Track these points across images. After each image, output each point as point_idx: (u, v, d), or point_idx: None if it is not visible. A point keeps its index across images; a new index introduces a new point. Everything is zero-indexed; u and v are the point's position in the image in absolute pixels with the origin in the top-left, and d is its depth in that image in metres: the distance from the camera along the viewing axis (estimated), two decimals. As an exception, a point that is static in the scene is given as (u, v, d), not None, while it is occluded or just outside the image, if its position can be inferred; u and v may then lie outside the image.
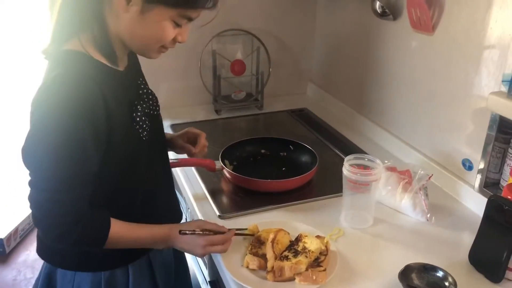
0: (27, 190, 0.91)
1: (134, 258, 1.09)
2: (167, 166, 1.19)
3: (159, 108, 1.13)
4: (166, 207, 1.18)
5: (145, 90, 1.09)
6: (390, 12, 1.48)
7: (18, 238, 2.52)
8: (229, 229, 1.09)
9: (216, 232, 1.06)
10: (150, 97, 1.10)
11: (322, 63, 2.06)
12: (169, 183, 1.21)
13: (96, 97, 0.88)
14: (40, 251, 1.08)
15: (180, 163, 1.38)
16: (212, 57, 1.88)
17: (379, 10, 1.52)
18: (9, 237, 2.44)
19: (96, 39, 0.94)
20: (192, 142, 1.26)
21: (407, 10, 1.37)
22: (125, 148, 0.98)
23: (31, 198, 0.90)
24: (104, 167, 0.94)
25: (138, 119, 1.00)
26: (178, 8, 0.91)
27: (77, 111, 0.86)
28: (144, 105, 1.05)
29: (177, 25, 0.94)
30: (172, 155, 1.30)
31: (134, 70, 1.11)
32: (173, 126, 1.77)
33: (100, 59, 0.95)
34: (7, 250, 2.44)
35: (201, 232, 1.03)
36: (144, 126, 1.02)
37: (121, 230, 0.98)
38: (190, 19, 0.94)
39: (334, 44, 1.95)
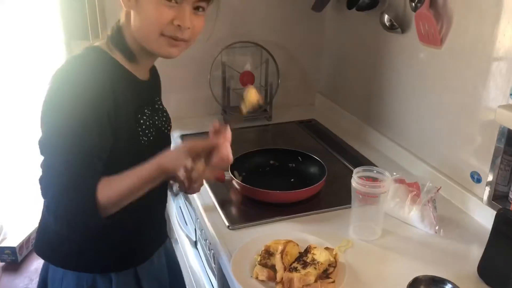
0: (39, 199, 0.93)
1: (119, 267, 1.09)
2: (164, 186, 1.17)
3: (170, 128, 1.15)
4: (153, 225, 1.18)
5: (160, 107, 1.12)
6: (398, 26, 1.50)
7: (30, 246, 2.55)
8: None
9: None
10: (165, 114, 1.12)
11: (330, 74, 2.07)
12: (162, 202, 1.21)
13: (104, 86, 0.93)
14: (36, 245, 1.12)
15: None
16: (221, 68, 1.90)
17: (387, 23, 1.53)
18: (21, 245, 2.47)
19: (112, 36, 1.01)
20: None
21: (415, 24, 1.39)
22: (124, 147, 0.99)
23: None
24: None
25: (142, 121, 1.02)
26: None
27: (87, 93, 0.91)
28: (156, 117, 1.07)
29: (169, 2, 0.94)
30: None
31: (153, 86, 1.14)
32: (182, 137, 1.79)
33: (121, 61, 1.01)
34: (19, 259, 2.47)
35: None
36: (147, 132, 1.03)
37: (112, 185, 0.93)
38: None
39: (342, 55, 1.96)
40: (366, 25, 1.73)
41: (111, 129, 0.95)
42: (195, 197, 1.42)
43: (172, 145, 1.20)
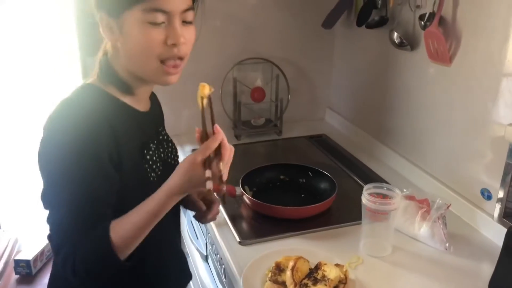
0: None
1: None
2: (177, 220, 1.16)
3: (177, 158, 1.10)
4: (173, 263, 1.14)
5: (165, 137, 1.08)
6: (407, 43, 1.51)
7: (44, 259, 2.58)
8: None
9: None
10: (170, 144, 1.08)
11: (340, 90, 2.09)
12: (176, 238, 1.18)
13: (102, 126, 0.88)
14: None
15: (201, 189, 1.41)
16: (233, 84, 1.93)
17: (396, 41, 1.55)
18: (35, 258, 2.50)
19: (102, 72, 0.96)
20: (205, 201, 1.18)
21: (425, 42, 1.40)
22: (132, 186, 0.94)
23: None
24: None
25: (148, 157, 0.97)
26: (135, 4, 0.86)
27: (83, 137, 0.86)
28: (161, 149, 1.04)
29: (155, 24, 0.87)
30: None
31: (156, 116, 1.10)
32: (194, 151, 1.81)
33: (117, 95, 0.96)
34: (34, 271, 2.50)
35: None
36: (154, 167, 0.98)
37: (123, 225, 0.88)
38: (162, 11, 0.87)
39: (352, 71, 1.98)
40: (375, 42, 1.75)
41: (115, 170, 0.90)
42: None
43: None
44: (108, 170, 0.89)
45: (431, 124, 1.51)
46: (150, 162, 0.98)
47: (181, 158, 1.77)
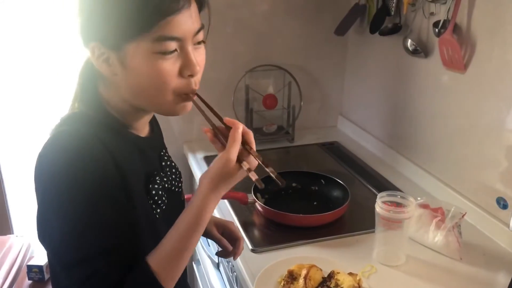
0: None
1: None
2: None
3: (181, 185, 1.01)
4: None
5: (168, 163, 0.97)
6: (421, 50, 1.50)
7: (55, 264, 2.59)
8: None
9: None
10: (174, 171, 0.98)
11: (353, 97, 2.08)
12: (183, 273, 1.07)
13: (104, 157, 0.76)
14: None
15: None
16: (245, 91, 1.93)
17: (410, 48, 1.54)
18: (48, 264, 2.51)
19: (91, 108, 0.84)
20: (227, 236, 1.12)
21: (439, 49, 1.39)
22: (139, 223, 0.83)
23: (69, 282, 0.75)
24: None
25: (154, 192, 0.87)
26: (141, 34, 0.74)
27: (87, 168, 0.74)
28: (165, 179, 0.93)
29: (165, 53, 0.76)
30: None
31: (157, 139, 1.00)
32: (206, 158, 1.82)
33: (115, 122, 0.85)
34: (46, 277, 2.50)
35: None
36: (159, 202, 0.88)
37: (162, 251, 0.79)
38: (173, 39, 0.76)
39: (365, 78, 1.97)
40: (389, 49, 1.74)
41: (126, 203, 0.79)
42: (218, 219, 1.43)
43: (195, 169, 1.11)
44: (126, 208, 0.78)
45: (445, 132, 1.50)
46: (156, 197, 0.88)
47: (192, 163, 1.81)
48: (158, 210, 0.88)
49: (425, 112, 1.59)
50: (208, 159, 1.80)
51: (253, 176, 0.81)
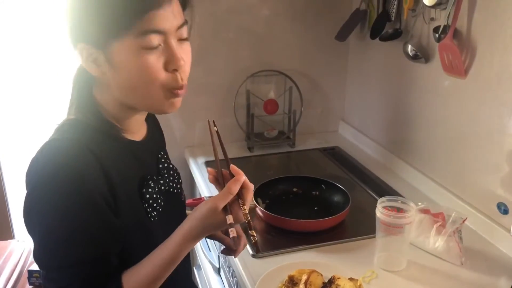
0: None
1: None
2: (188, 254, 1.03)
3: (180, 186, 1.02)
4: None
5: (165, 165, 0.98)
6: (421, 56, 1.51)
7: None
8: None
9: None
10: (171, 172, 0.99)
11: (354, 102, 2.09)
12: (187, 271, 1.08)
13: (90, 165, 0.78)
14: None
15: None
16: (246, 96, 1.93)
17: (410, 53, 1.55)
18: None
19: (87, 115, 0.85)
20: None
21: (439, 54, 1.40)
22: (132, 230, 0.85)
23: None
24: None
25: (147, 196, 0.88)
26: (126, 29, 0.76)
27: (70, 178, 0.76)
28: (162, 181, 0.95)
29: (151, 48, 0.78)
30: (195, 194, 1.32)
31: (154, 142, 1.00)
32: (207, 163, 1.82)
33: (108, 128, 0.87)
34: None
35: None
36: (155, 205, 0.90)
37: (137, 278, 0.82)
38: (156, 32, 0.78)
39: (365, 83, 1.98)
40: (389, 55, 1.75)
41: (114, 215, 0.81)
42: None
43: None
44: (109, 218, 0.80)
45: (446, 137, 1.50)
46: (151, 201, 0.89)
47: (193, 168, 1.82)
48: (154, 213, 0.90)
49: (426, 117, 1.59)
50: (209, 164, 1.80)
51: (232, 233, 0.82)
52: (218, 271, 1.60)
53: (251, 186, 0.88)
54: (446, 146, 1.50)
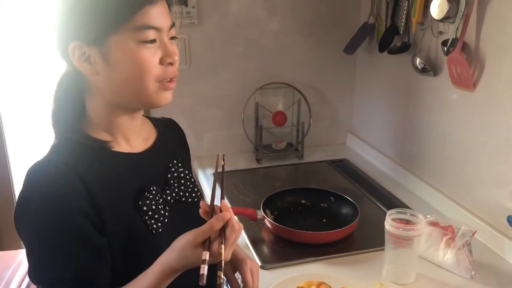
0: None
1: None
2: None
3: (196, 195, 0.98)
4: None
5: (175, 174, 0.96)
6: (430, 69, 1.51)
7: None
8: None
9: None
10: (183, 181, 0.97)
11: (362, 114, 2.09)
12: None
13: (70, 185, 0.78)
14: None
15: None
16: (254, 108, 1.95)
17: (419, 66, 1.55)
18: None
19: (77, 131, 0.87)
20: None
21: (448, 67, 1.40)
22: (132, 246, 0.84)
23: None
24: None
25: (145, 208, 0.87)
26: (122, 25, 0.78)
27: (47, 199, 0.77)
28: (169, 191, 0.93)
29: (147, 42, 0.81)
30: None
31: (165, 151, 0.99)
32: (216, 174, 1.82)
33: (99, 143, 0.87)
34: None
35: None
36: (157, 216, 0.88)
37: None
38: (153, 28, 0.81)
39: (374, 96, 1.98)
40: (398, 68, 1.76)
41: (101, 235, 0.81)
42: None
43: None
44: (90, 236, 0.79)
45: (455, 149, 1.50)
46: (150, 213, 0.87)
47: (201, 179, 1.82)
48: (159, 224, 0.88)
49: (434, 129, 1.59)
50: (217, 175, 1.80)
51: (203, 270, 0.75)
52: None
53: (238, 226, 0.82)
54: (454, 158, 1.50)
